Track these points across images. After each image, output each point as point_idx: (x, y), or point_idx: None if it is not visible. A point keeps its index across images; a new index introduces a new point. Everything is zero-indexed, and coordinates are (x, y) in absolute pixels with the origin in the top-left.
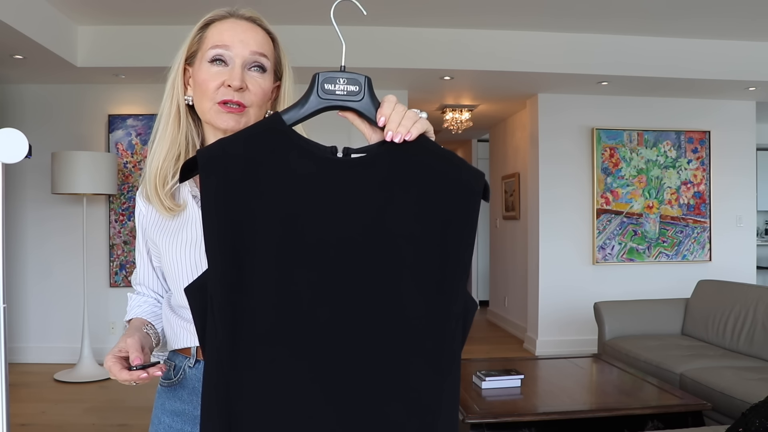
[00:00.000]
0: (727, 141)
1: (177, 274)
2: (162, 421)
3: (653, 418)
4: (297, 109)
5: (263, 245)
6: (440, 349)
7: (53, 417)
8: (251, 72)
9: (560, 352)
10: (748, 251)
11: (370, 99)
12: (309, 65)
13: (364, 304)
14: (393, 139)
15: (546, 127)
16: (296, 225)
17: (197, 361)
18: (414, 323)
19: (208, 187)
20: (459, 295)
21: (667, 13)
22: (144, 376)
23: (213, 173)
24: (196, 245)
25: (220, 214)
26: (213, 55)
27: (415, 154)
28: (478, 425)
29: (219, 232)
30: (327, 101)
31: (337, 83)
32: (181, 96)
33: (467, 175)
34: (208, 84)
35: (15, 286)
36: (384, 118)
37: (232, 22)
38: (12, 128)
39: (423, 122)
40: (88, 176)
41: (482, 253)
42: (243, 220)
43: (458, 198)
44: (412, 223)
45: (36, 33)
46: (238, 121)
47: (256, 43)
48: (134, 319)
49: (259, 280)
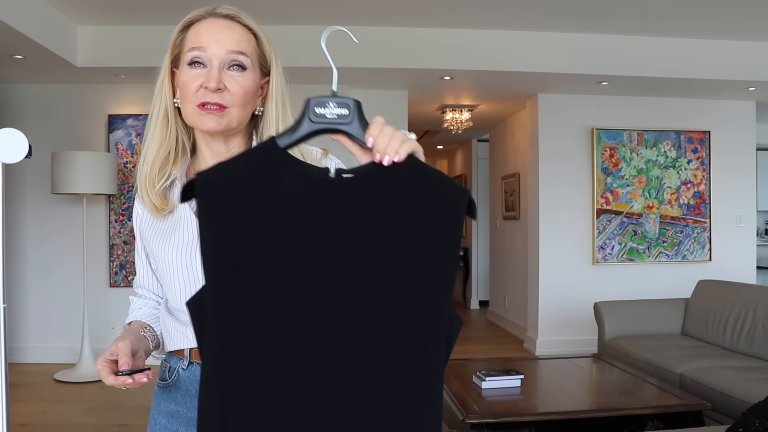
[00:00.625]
0: (727, 141)
1: (170, 276)
2: (158, 422)
3: (653, 418)
4: (290, 134)
5: (257, 262)
6: (424, 364)
7: (53, 417)
8: (230, 72)
9: (560, 352)
10: (748, 251)
11: (359, 122)
12: (310, 65)
13: (351, 319)
14: (382, 161)
15: (546, 127)
16: (288, 242)
17: (190, 363)
18: (397, 339)
19: (206, 208)
20: (444, 313)
21: (666, 13)
22: (129, 382)
23: (210, 195)
24: (188, 247)
25: (215, 234)
26: (191, 58)
27: (403, 173)
28: (478, 425)
29: (215, 249)
30: (318, 125)
31: (327, 107)
32: (169, 99)
33: (452, 191)
34: (187, 87)
35: (15, 286)
36: (372, 140)
37: (209, 22)
38: (12, 128)
39: (411, 143)
40: (88, 176)
41: (482, 253)
42: (238, 238)
43: (442, 215)
44: (397, 240)
45: (36, 33)
46: (219, 122)
47: (233, 42)
48: (133, 322)
49: (253, 295)
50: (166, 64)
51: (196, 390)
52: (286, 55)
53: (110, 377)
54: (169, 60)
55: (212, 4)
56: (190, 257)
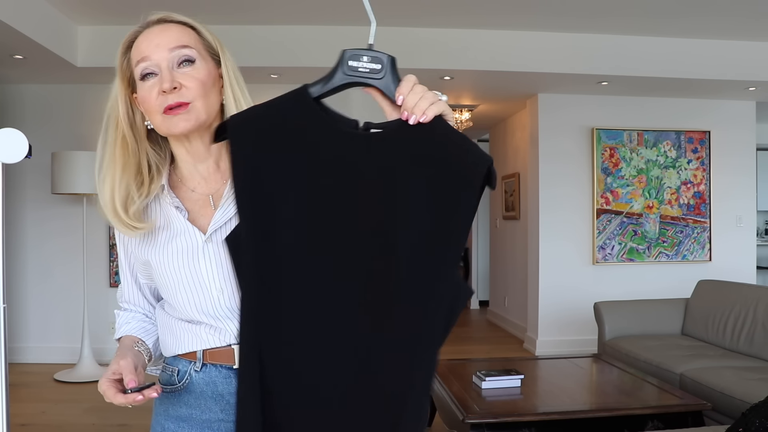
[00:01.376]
0: (727, 141)
1: (173, 284)
2: (166, 428)
3: (653, 418)
4: (323, 83)
5: (288, 198)
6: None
7: (53, 417)
8: (181, 69)
9: (560, 352)
10: (748, 251)
11: (392, 78)
12: (310, 65)
13: (363, 260)
14: (408, 120)
15: (546, 127)
16: (315, 185)
17: (204, 365)
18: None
19: (238, 145)
20: (449, 276)
21: (666, 13)
22: (140, 398)
23: (243, 134)
24: (187, 253)
25: (248, 170)
26: (140, 72)
27: (428, 134)
28: (478, 425)
29: (248, 186)
30: (350, 77)
31: (360, 60)
32: (124, 123)
33: (473, 158)
34: (147, 100)
35: (15, 286)
36: (402, 98)
37: (145, 33)
38: (12, 128)
39: (440, 104)
40: (88, 176)
41: (482, 253)
42: (269, 176)
43: (460, 180)
44: (414, 199)
45: (36, 33)
46: (188, 119)
47: (172, 40)
48: (124, 338)
49: (284, 234)
50: (116, 90)
51: (212, 392)
52: (287, 55)
53: (118, 396)
54: (120, 86)
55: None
56: (193, 263)
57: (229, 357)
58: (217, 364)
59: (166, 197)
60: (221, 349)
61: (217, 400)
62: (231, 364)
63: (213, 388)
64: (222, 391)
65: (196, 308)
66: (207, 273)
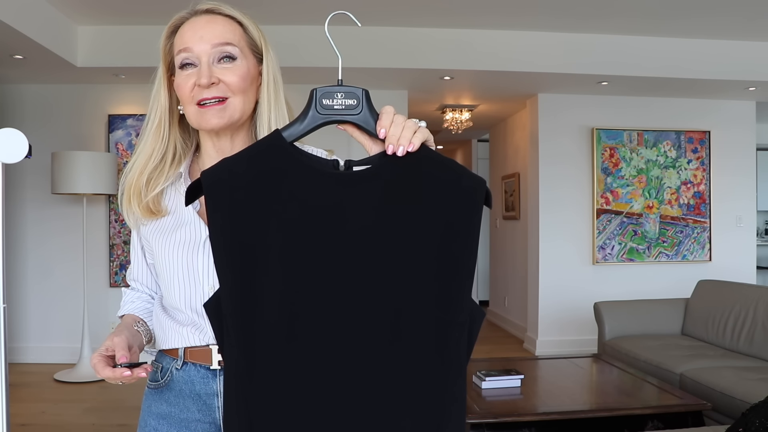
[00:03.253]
0: (727, 141)
1: (169, 274)
2: (148, 424)
3: (653, 418)
4: (297, 125)
5: (270, 260)
6: (445, 359)
7: (53, 417)
8: (221, 64)
9: (560, 352)
10: (748, 251)
11: (369, 111)
12: (310, 65)
13: (369, 315)
14: (395, 152)
15: (546, 127)
16: (300, 240)
17: (185, 363)
18: (418, 334)
19: (214, 207)
20: (464, 305)
21: (667, 13)
22: (127, 374)
23: (218, 194)
24: (190, 246)
25: (226, 233)
26: (180, 61)
27: (418, 164)
28: (478, 425)
29: (226, 249)
30: (325, 116)
31: (334, 98)
32: (164, 107)
33: (468, 182)
34: (182, 89)
35: (15, 286)
36: (384, 130)
37: (191, 22)
38: (12, 128)
39: (423, 131)
40: (88, 176)
41: (482, 253)
42: (249, 236)
43: (460, 206)
44: (416, 232)
45: (36, 33)
46: (221, 116)
47: (216, 35)
48: (126, 316)
49: (269, 295)
50: (161, 73)
51: (189, 390)
52: (287, 55)
53: (107, 369)
54: (163, 68)
55: (199, 2)
56: (192, 256)
57: (207, 357)
58: (196, 363)
59: (182, 186)
60: (200, 349)
61: (194, 399)
62: (209, 364)
63: (191, 387)
64: (199, 390)
65: (186, 301)
66: (203, 268)
